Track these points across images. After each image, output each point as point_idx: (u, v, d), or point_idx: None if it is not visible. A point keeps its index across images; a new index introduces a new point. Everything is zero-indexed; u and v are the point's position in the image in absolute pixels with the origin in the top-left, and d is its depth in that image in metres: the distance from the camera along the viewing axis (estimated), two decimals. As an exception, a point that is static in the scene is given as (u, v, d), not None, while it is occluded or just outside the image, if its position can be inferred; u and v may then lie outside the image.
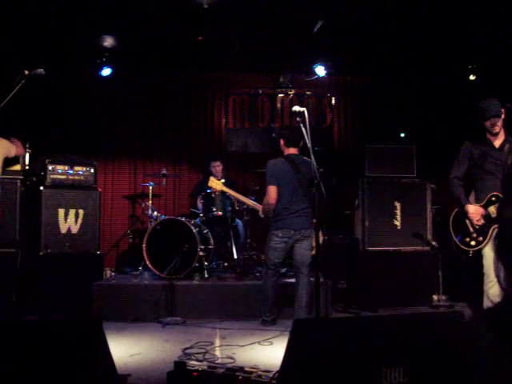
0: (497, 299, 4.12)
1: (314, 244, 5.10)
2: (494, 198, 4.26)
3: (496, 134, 4.38)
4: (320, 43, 6.93)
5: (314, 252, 5.10)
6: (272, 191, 5.00)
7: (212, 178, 5.78)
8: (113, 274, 6.88)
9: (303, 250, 5.02)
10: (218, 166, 7.36)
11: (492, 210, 4.25)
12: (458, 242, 4.43)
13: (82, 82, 7.74)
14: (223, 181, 5.80)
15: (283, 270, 6.08)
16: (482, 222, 4.26)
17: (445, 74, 7.49)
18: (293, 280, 5.38)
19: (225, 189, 5.63)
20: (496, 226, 4.23)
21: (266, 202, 5.06)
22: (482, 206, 4.32)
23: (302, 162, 5.08)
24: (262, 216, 5.25)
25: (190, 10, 6.05)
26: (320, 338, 2.26)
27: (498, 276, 4.15)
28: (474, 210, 4.32)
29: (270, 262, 5.12)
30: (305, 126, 4.03)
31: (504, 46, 6.54)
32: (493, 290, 4.13)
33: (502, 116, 4.35)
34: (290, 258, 5.27)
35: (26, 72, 4.03)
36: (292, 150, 5.17)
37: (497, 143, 4.40)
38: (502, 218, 4.18)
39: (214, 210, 6.48)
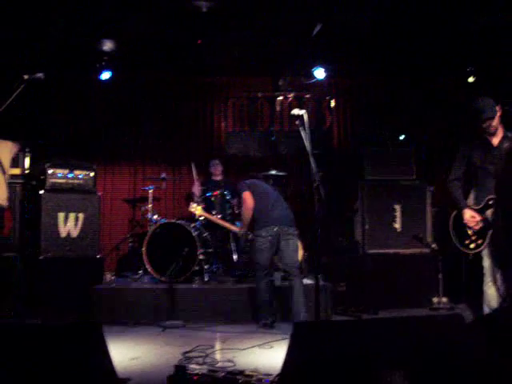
0: (493, 302, 4.11)
1: (300, 246, 5.20)
2: (491, 202, 4.20)
3: (493, 133, 4.30)
4: (319, 46, 6.94)
5: (300, 256, 5.18)
6: (247, 196, 5.24)
7: (192, 204, 6.05)
8: (113, 277, 6.88)
9: (291, 252, 5.09)
10: (217, 165, 7.38)
11: (489, 213, 4.20)
12: (457, 244, 4.41)
13: (82, 86, 7.74)
14: (202, 206, 6.09)
15: (283, 273, 6.07)
16: (480, 225, 4.22)
17: (444, 76, 7.51)
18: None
19: (204, 214, 5.97)
20: None
21: (245, 208, 5.26)
22: (480, 210, 4.27)
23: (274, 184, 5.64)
24: (242, 233, 5.44)
25: (189, 14, 6.05)
26: (320, 341, 2.26)
27: (494, 281, 4.12)
28: (470, 217, 4.26)
29: (258, 265, 5.17)
30: (304, 129, 4.03)
31: (502, 47, 6.55)
32: (491, 291, 4.12)
33: (498, 114, 4.24)
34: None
35: (26, 76, 4.03)
36: None
37: (495, 141, 4.31)
38: (493, 223, 4.14)
39: (214, 213, 6.49)
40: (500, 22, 6.02)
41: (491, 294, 4.12)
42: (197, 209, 5.92)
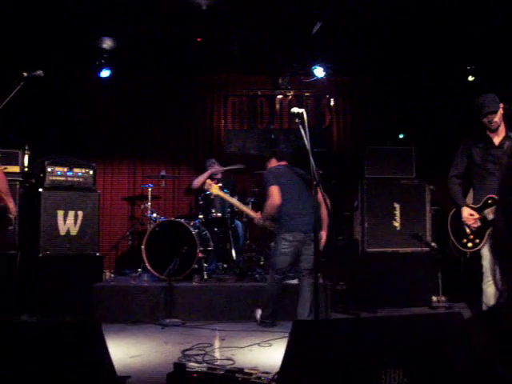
0: (492, 301, 4.09)
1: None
2: (490, 201, 4.16)
3: (495, 131, 4.21)
4: (319, 44, 6.93)
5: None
6: (274, 191, 4.87)
7: (209, 181, 5.72)
8: (112, 275, 6.88)
9: (309, 257, 4.88)
10: (213, 164, 7.35)
11: (488, 212, 4.14)
12: (455, 243, 4.38)
13: (81, 84, 7.74)
14: (220, 184, 5.76)
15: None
16: (478, 224, 4.16)
17: (444, 74, 7.50)
18: (292, 281, 5.38)
19: (221, 194, 5.54)
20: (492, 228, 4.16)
21: (271, 203, 4.90)
22: (478, 209, 4.21)
23: (297, 170, 5.15)
24: (260, 222, 5.12)
25: (189, 12, 6.05)
26: (319, 340, 2.26)
27: (494, 277, 4.09)
28: (468, 214, 4.21)
29: (277, 266, 4.98)
30: (304, 128, 4.03)
31: (502, 46, 6.55)
32: (490, 289, 4.11)
33: (500, 111, 4.17)
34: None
35: (25, 74, 4.02)
36: (284, 163, 5.25)
37: (496, 140, 4.23)
38: (494, 222, 4.10)
39: (213, 211, 6.49)
40: (499, 21, 6.02)
41: (490, 293, 4.10)
42: (213, 187, 5.53)
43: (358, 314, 5.70)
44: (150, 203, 6.87)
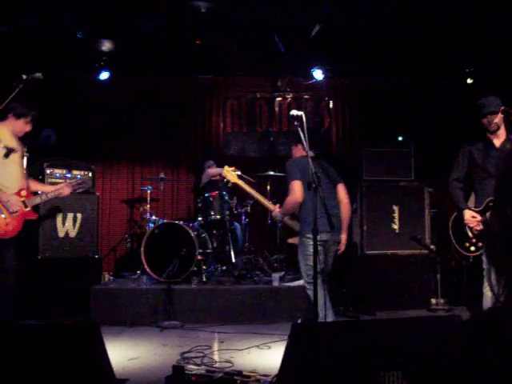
0: (489, 305, 4.08)
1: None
2: (491, 204, 4.16)
3: (495, 132, 4.22)
4: (318, 47, 6.94)
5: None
6: (297, 186, 4.37)
7: (227, 168, 5.23)
8: (111, 278, 6.87)
9: (330, 259, 4.58)
10: (212, 165, 7.35)
11: (489, 215, 4.16)
12: (457, 247, 4.37)
13: (80, 86, 7.74)
14: (239, 173, 5.31)
15: (281, 274, 6.07)
16: (480, 227, 4.15)
17: (443, 77, 7.51)
18: (291, 284, 5.37)
19: (238, 182, 5.07)
20: None
21: (292, 200, 4.42)
22: (480, 211, 4.22)
23: (324, 164, 4.73)
24: (278, 217, 4.74)
25: (188, 14, 6.06)
26: (318, 342, 2.26)
27: (489, 281, 4.08)
28: (470, 217, 4.20)
29: (312, 270, 4.19)
30: (302, 130, 4.03)
31: (502, 49, 6.57)
32: (490, 293, 4.11)
33: (501, 114, 4.16)
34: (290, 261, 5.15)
35: (24, 76, 4.03)
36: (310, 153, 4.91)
37: (497, 142, 4.23)
38: (490, 225, 4.09)
39: (212, 213, 6.49)
40: (498, 24, 6.04)
41: (491, 297, 4.10)
42: (232, 175, 5.09)
43: (356, 317, 5.70)
44: (148, 205, 6.87)
